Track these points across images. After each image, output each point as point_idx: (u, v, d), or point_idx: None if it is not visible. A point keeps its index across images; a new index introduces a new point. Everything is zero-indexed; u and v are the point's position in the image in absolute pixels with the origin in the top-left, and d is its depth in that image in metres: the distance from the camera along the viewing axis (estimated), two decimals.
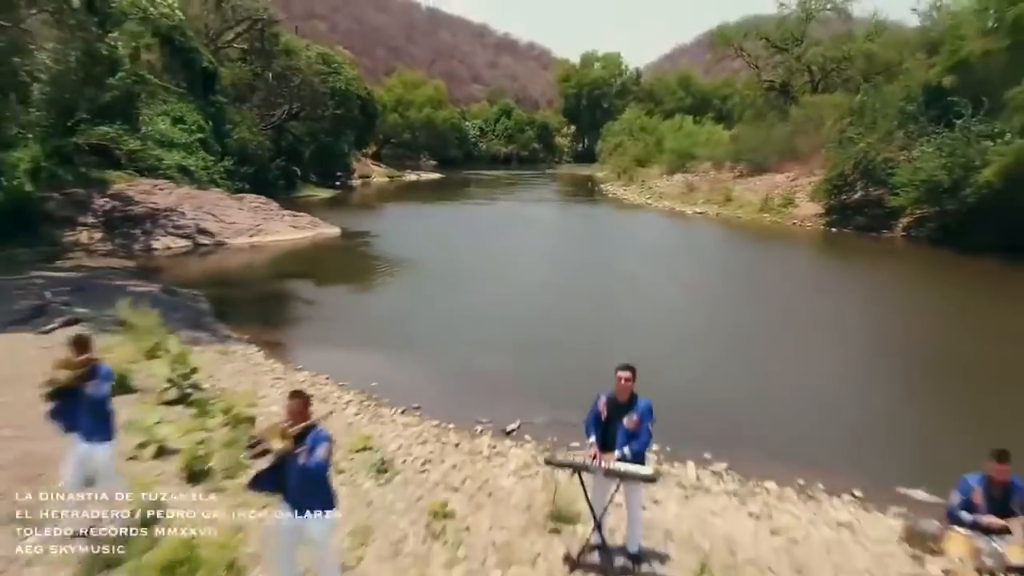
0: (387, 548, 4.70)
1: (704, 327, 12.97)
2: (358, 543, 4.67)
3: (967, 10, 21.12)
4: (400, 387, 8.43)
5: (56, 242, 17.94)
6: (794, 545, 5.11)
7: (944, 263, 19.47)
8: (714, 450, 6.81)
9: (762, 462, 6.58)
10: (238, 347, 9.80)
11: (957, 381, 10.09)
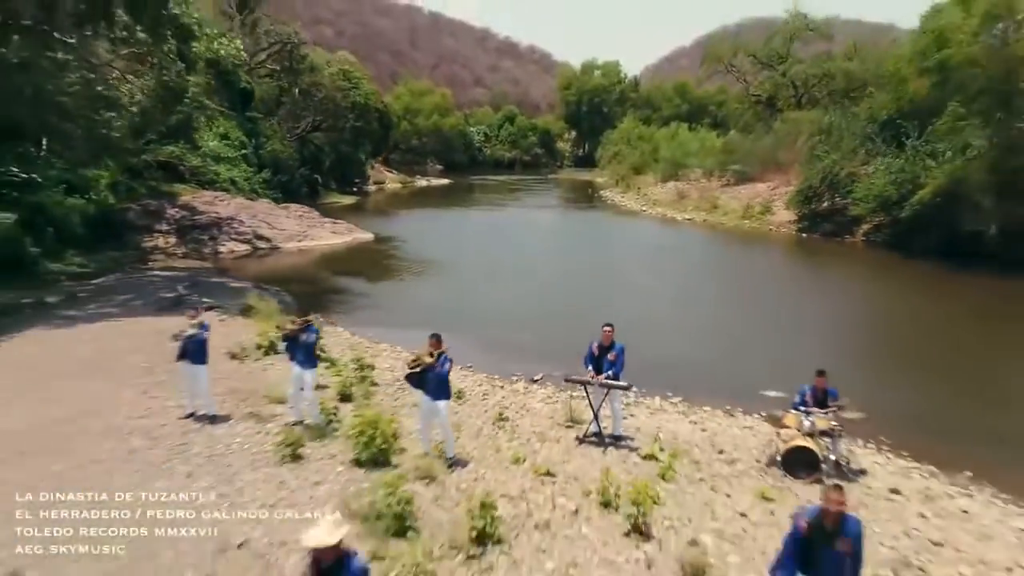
0: (472, 433, 8.00)
1: (674, 307, 16.36)
2: (455, 431, 7.94)
3: (906, 54, 24.57)
4: (454, 353, 11.67)
5: (138, 247, 21.23)
6: (714, 436, 8.40)
7: (891, 264, 22.78)
8: (673, 389, 10.12)
9: (703, 395, 9.89)
10: (328, 328, 13.08)
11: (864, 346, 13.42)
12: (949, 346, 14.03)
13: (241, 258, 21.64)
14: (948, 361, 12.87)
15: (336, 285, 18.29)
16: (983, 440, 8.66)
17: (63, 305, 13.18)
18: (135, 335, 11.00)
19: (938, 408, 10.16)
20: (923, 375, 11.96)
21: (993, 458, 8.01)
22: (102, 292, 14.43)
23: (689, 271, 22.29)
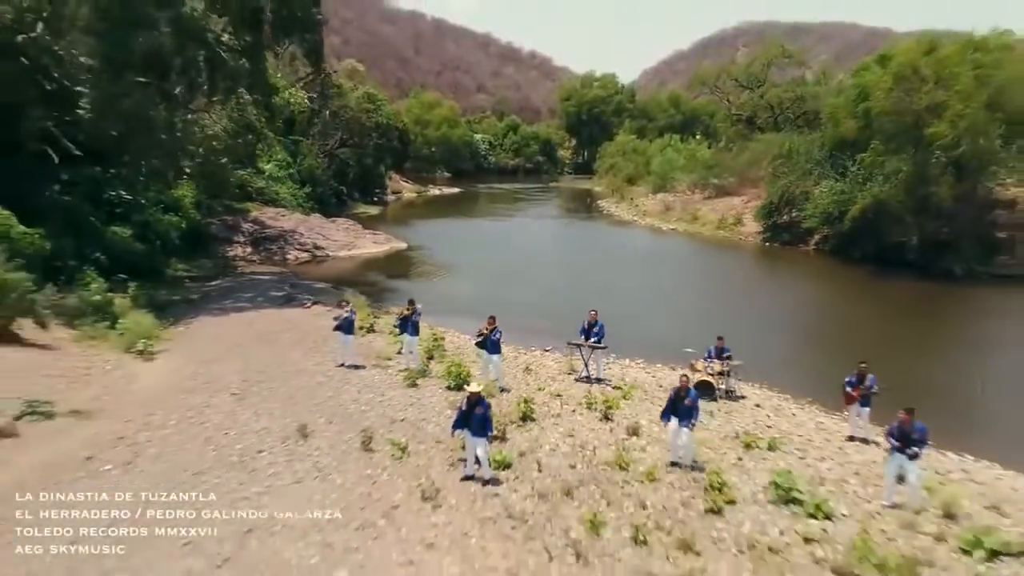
0: (511, 377, 13.09)
1: (646, 299, 21.45)
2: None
3: (840, 101, 29.88)
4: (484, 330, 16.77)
5: (223, 255, 26.35)
6: (660, 380, 13.52)
7: (832, 268, 27.96)
8: (638, 353, 15.23)
9: (662, 359, 14.98)
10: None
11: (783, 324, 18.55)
12: (850, 328, 19.22)
13: (304, 264, 26.78)
14: (841, 337, 18.04)
15: (387, 285, 23.43)
16: (832, 385, 13.75)
17: (206, 301, 18.32)
18: (276, 320, 16.14)
19: (813, 364, 15.29)
20: (816, 344, 17.11)
21: (828, 393, 13.11)
22: (227, 291, 19.59)
23: (664, 273, 27.49)
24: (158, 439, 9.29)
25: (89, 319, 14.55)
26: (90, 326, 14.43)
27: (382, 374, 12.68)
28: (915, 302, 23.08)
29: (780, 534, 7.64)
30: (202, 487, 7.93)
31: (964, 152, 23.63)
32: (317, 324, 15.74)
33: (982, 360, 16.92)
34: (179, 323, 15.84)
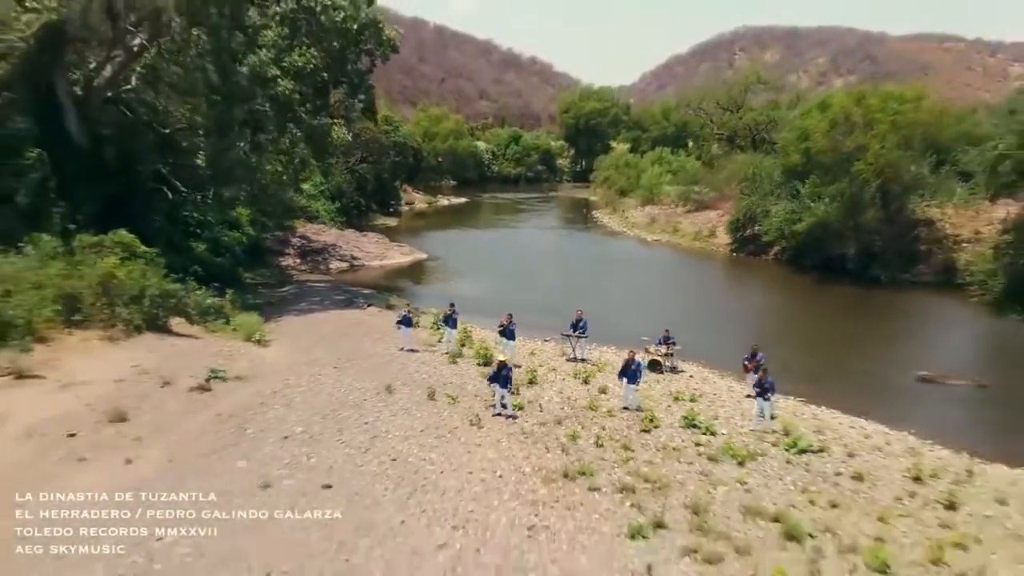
0: (520, 358, 18.49)
1: (625, 297, 26.80)
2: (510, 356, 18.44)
3: (788, 137, 35.36)
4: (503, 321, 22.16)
5: (277, 266, 31.74)
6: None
7: (785, 275, 33.36)
8: (613, 342, 20.62)
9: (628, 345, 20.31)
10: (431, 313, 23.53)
11: (731, 318, 23.93)
12: (786, 321, 24.67)
13: (344, 272, 32.18)
14: (777, 328, 23.43)
15: (415, 290, 28.84)
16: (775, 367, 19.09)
17: (283, 304, 23.72)
18: (343, 318, 21.56)
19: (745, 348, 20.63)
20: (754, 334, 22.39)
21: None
22: (298, 296, 24.99)
23: (643, 278, 32.89)
24: (297, 393, 14.67)
25: (211, 318, 19.93)
26: (211, 323, 19.81)
27: (431, 355, 18.09)
28: (845, 302, 28.49)
29: (681, 442, 13.07)
30: (337, 417, 13.32)
31: (883, 183, 29.05)
32: (375, 322, 21.15)
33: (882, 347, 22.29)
34: (271, 321, 21.22)
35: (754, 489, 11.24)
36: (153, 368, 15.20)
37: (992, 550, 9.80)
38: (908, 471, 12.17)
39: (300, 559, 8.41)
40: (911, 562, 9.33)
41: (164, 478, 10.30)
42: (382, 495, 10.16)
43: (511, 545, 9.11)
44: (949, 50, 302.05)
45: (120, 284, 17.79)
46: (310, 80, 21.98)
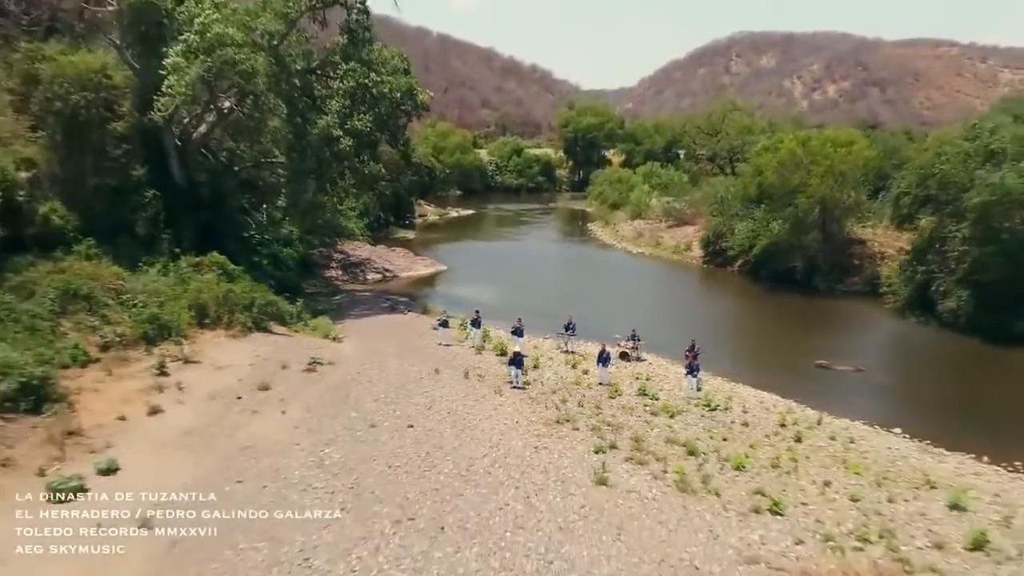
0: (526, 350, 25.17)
1: (609, 302, 33.39)
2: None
3: (747, 169, 42.14)
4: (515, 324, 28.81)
5: (323, 277, 38.31)
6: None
7: (745, 285, 40.00)
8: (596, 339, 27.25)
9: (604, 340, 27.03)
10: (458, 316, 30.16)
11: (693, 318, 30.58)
12: (736, 320, 31.27)
13: (379, 282, 38.81)
14: (727, 326, 30.07)
15: (439, 297, 35.46)
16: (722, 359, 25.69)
17: (341, 309, 30.34)
18: (391, 321, 28.22)
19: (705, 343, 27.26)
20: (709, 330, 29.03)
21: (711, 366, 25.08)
22: (351, 303, 31.63)
23: (626, 286, 39.57)
24: (373, 374, 21.28)
25: (296, 321, 26.55)
26: (294, 325, 26.43)
27: (461, 348, 24.76)
28: (787, 307, 35.11)
29: (635, 404, 19.73)
30: (405, 389, 19.94)
31: (822, 210, 35.75)
32: (416, 323, 27.80)
33: (802, 342, 28.88)
34: (336, 323, 27.84)
35: (676, 429, 17.90)
36: (270, 356, 21.89)
37: (812, 461, 16.45)
38: (778, 421, 18.84)
39: (404, 459, 15.02)
40: (760, 465, 15.98)
41: (308, 423, 16.92)
42: (445, 431, 16.81)
43: (524, 455, 15.74)
44: (941, 56, 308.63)
45: (236, 296, 24.52)
46: (365, 138, 28.61)
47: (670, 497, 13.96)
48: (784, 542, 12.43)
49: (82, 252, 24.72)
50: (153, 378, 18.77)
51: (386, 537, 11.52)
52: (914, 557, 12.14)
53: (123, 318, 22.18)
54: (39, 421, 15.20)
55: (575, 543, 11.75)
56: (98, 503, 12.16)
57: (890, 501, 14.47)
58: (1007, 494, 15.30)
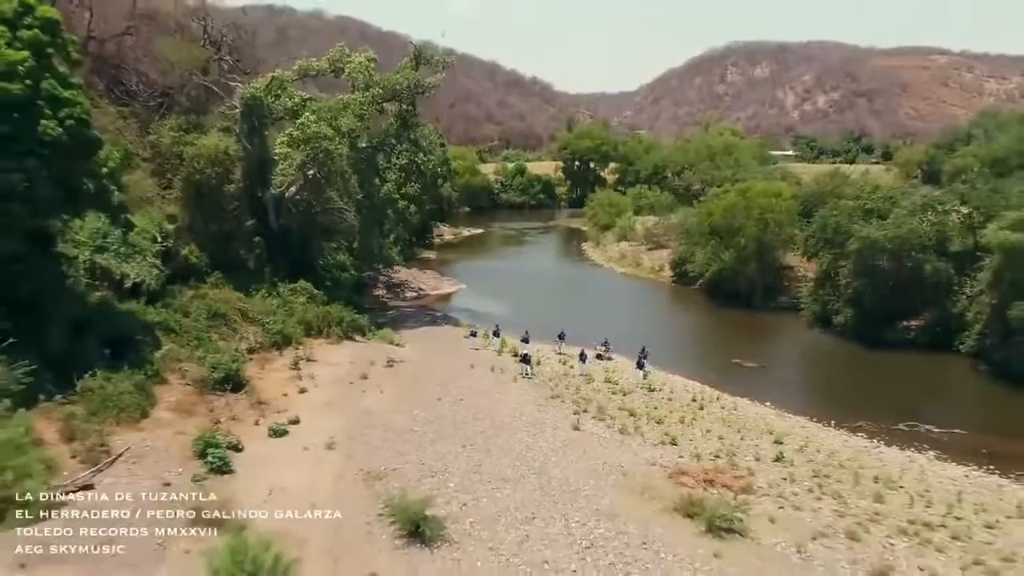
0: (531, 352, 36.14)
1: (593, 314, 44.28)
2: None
3: (701, 209, 52.94)
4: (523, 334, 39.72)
5: (371, 295, 49.18)
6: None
7: (702, 300, 50.88)
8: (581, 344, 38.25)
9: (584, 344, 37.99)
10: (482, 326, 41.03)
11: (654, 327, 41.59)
12: (687, 329, 42.19)
13: (416, 299, 49.70)
14: (679, 333, 40.98)
15: (464, 311, 46.33)
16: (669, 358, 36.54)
17: (395, 322, 41.24)
18: (435, 331, 39.23)
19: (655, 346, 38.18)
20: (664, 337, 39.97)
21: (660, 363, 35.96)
22: (400, 317, 42.53)
23: (608, 300, 50.45)
24: (431, 368, 32.12)
25: (368, 331, 37.43)
26: (368, 334, 37.31)
27: (487, 352, 35.65)
28: (731, 320, 45.94)
29: (602, 387, 30.69)
30: (453, 378, 30.82)
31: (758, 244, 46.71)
32: (452, 332, 38.67)
33: (733, 346, 39.68)
34: (395, 332, 38.70)
35: (625, 402, 28.81)
36: (360, 357, 32.82)
37: (704, 420, 27.33)
38: (692, 397, 29.77)
39: (460, 417, 25.86)
40: (672, 421, 26.84)
41: (398, 398, 27.80)
42: (482, 403, 27.70)
43: (531, 415, 26.61)
44: (928, 67, 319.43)
45: (332, 315, 35.50)
46: (414, 199, 39.60)
47: (615, 436, 24.89)
48: (673, 457, 23.31)
49: (212, 282, 35.58)
50: (292, 371, 29.63)
51: (457, 454, 22.30)
52: (740, 463, 23.04)
53: (253, 330, 33.08)
54: (239, 396, 26.07)
55: (559, 456, 22.65)
56: (297, 437, 23.00)
57: (741, 439, 25.39)
58: (813, 437, 26.26)
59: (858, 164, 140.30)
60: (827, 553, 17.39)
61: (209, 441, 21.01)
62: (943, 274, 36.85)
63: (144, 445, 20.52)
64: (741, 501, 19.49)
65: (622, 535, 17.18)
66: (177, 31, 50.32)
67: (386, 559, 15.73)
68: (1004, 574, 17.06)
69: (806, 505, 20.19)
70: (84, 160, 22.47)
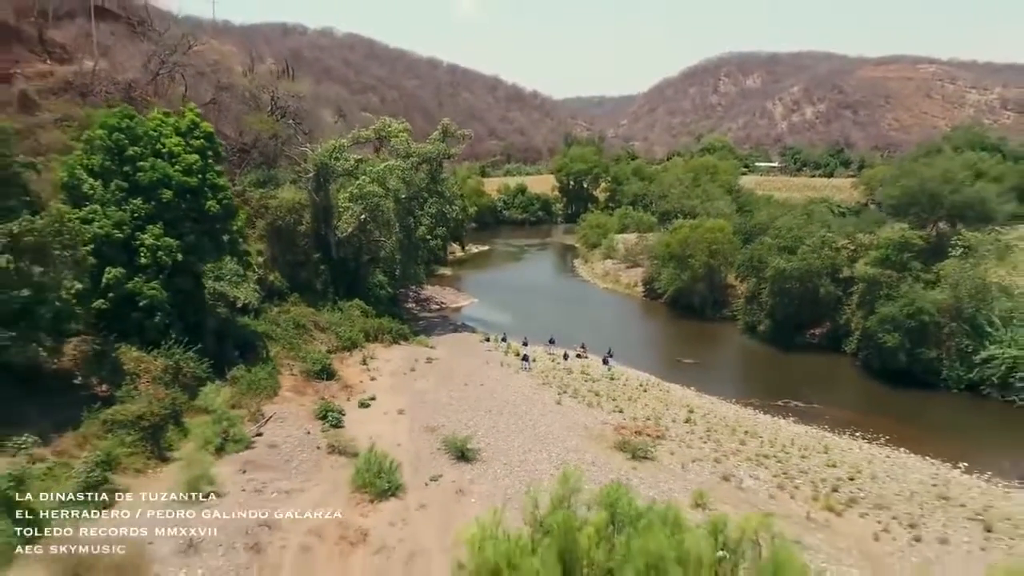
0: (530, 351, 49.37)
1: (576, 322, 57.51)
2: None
3: (660, 240, 66.18)
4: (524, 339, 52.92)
5: (405, 309, 62.33)
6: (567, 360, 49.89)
7: (667, 312, 64.11)
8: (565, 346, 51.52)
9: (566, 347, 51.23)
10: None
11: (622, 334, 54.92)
12: (650, 336, 55.47)
13: (439, 311, 62.90)
14: (643, 338, 54.23)
15: (477, 320, 59.55)
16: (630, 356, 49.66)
17: (427, 330, 54.47)
18: (458, 338, 52.42)
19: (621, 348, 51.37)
20: (629, 340, 53.18)
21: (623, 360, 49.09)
22: (430, 326, 55.75)
23: (591, 311, 63.64)
24: (458, 364, 45.30)
25: (409, 338, 50.57)
26: (406, 340, 50.48)
27: (498, 353, 48.83)
28: (686, 328, 59.08)
29: (578, 376, 43.91)
30: (476, 372, 43.99)
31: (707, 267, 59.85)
32: (471, 338, 51.81)
33: (681, 348, 52.83)
34: (428, 338, 51.85)
35: (593, 387, 42.02)
36: (406, 356, 46.15)
37: (645, 398, 40.54)
38: (639, 384, 42.99)
39: (483, 396, 39.10)
40: (623, 399, 40.05)
41: (439, 384, 41.07)
42: (496, 388, 40.98)
43: (530, 395, 39.83)
44: (912, 77, 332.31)
45: (384, 326, 48.81)
46: (442, 239, 52.81)
47: (583, 407, 38.09)
48: (618, 419, 36.48)
49: (291, 301, 48.73)
50: (362, 366, 42.94)
51: (481, 417, 35.43)
52: (661, 423, 36.23)
53: (325, 337, 46.28)
54: (332, 383, 39.32)
55: (545, 419, 35.83)
56: (377, 407, 36.32)
57: (666, 409, 38.57)
58: (715, 409, 39.46)
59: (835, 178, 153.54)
60: (699, 467, 30.61)
61: (327, 408, 34.32)
62: (833, 295, 49.98)
63: (283, 412, 33.70)
64: (654, 442, 32.74)
65: (581, 459, 30.36)
66: (251, 100, 64.19)
67: (446, 467, 28.91)
68: (797, 479, 30.22)
69: (695, 445, 33.45)
70: (228, 223, 35.70)
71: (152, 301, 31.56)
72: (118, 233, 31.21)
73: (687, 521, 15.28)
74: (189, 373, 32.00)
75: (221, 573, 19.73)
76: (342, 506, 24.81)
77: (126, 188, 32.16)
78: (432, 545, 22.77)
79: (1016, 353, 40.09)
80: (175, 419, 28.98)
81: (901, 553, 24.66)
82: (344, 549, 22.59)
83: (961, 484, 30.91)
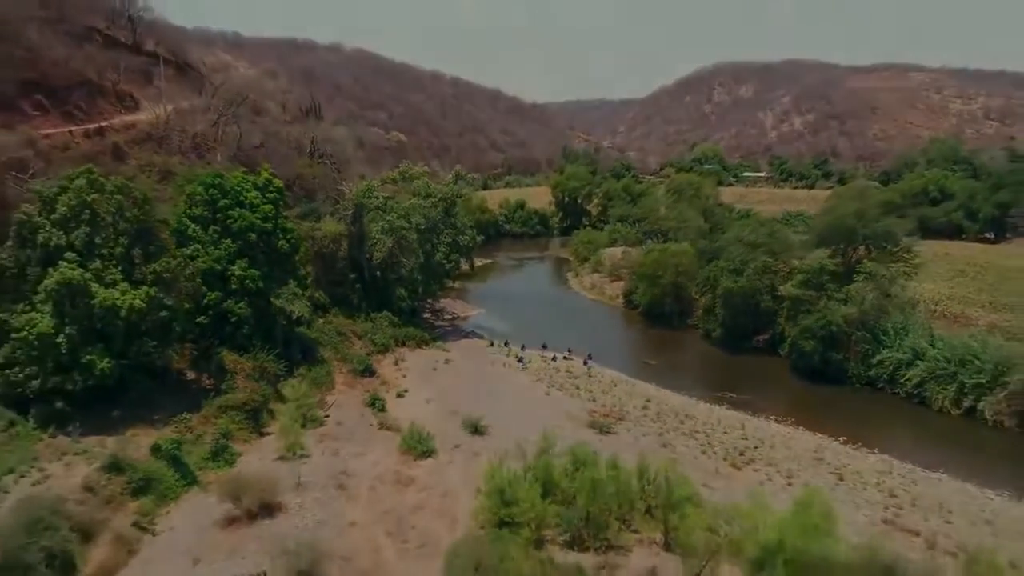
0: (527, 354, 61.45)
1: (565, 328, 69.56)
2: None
3: (638, 261, 78.09)
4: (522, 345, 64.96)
5: (423, 318, 74.37)
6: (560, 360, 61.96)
7: (641, 320, 76.21)
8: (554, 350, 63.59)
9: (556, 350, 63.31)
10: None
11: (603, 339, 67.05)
12: (625, 341, 67.61)
13: (452, 320, 74.93)
14: (619, 343, 66.35)
15: (484, 327, 71.57)
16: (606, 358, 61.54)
17: (443, 336, 66.55)
18: (470, 344, 64.61)
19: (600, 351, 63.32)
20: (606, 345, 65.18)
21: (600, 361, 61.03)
22: (445, 333, 67.80)
23: (577, 320, 75.69)
24: (470, 364, 57.33)
25: (430, 343, 62.59)
26: (428, 345, 62.49)
27: (502, 355, 60.88)
28: (657, 334, 71.11)
29: (564, 375, 55.97)
30: (487, 370, 56.04)
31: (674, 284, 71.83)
32: (480, 344, 63.88)
33: (650, 351, 64.79)
34: (444, 343, 63.86)
35: (575, 382, 54.08)
36: (429, 358, 58.43)
37: (615, 391, 52.58)
38: (611, 380, 55.06)
39: (491, 387, 51.14)
40: (598, 391, 52.08)
41: (459, 379, 53.17)
42: (499, 382, 53.09)
43: (526, 388, 51.93)
44: (899, 88, 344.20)
45: (410, 334, 61.00)
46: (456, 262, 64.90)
47: (566, 397, 50.25)
48: (592, 406, 48.53)
49: (333, 314, 60.82)
50: (394, 366, 55.22)
51: (490, 404, 47.40)
52: (624, 409, 48.29)
53: (361, 343, 58.46)
54: (374, 379, 51.61)
55: (538, 405, 47.98)
56: (411, 397, 48.62)
57: (629, 399, 50.65)
58: (667, 399, 51.62)
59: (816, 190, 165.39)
60: (647, 439, 42.72)
61: (375, 397, 46.50)
62: (771, 308, 62.04)
63: (341, 400, 45.73)
64: (616, 422, 44.82)
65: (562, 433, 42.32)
66: (293, 144, 76.63)
67: (464, 438, 40.98)
68: (715, 447, 42.22)
69: (646, 425, 45.56)
70: (293, 257, 47.72)
71: (241, 317, 43.49)
72: (217, 266, 43.08)
73: (624, 464, 27.68)
74: (271, 371, 43.98)
75: (322, 500, 31.81)
76: (394, 462, 36.90)
77: (219, 232, 44.02)
78: (459, 487, 34.67)
79: (900, 356, 52.13)
80: (265, 405, 41.04)
81: (775, 492, 36.69)
82: (399, 488, 34.68)
83: (835, 451, 43.05)
